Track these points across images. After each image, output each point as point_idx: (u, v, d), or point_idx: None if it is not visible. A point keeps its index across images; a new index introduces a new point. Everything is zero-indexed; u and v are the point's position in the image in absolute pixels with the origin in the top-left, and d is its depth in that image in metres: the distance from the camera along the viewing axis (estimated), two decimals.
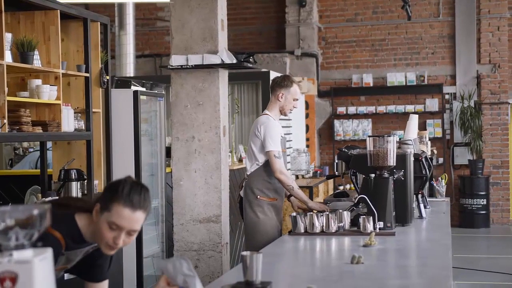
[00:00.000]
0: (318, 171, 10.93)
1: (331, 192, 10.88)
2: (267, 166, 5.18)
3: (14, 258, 1.75)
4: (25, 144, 8.79)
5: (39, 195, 5.51)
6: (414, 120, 5.56)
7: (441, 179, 6.52)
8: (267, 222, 5.15)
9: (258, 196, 5.18)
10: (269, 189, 5.20)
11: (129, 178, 2.66)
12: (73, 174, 5.41)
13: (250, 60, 6.27)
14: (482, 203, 12.12)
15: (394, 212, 4.41)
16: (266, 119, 5.21)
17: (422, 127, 12.26)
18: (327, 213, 4.38)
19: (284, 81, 5.29)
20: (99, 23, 5.86)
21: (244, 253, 2.77)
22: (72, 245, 2.65)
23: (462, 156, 12.48)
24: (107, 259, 2.87)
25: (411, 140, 5.20)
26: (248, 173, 5.28)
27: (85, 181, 5.55)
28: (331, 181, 11.18)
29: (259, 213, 5.16)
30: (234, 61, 5.91)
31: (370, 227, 4.21)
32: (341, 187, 12.17)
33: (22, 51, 4.80)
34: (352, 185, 11.86)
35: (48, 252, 1.82)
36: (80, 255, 2.75)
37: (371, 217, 4.25)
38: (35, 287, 1.74)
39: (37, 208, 1.79)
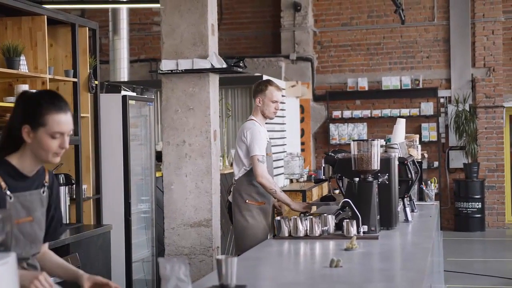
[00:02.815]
0: (313, 175, 10.93)
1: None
2: None
3: None
4: None
5: None
6: (401, 124, 5.58)
7: (431, 183, 6.53)
8: (256, 226, 5.21)
9: (247, 201, 5.26)
10: (257, 193, 5.27)
11: (38, 92, 2.76)
12: (61, 178, 5.42)
13: (240, 64, 6.29)
14: (477, 207, 12.13)
15: (378, 216, 4.42)
16: (252, 124, 5.30)
17: (417, 130, 12.28)
18: (311, 216, 4.39)
19: (259, 86, 5.42)
20: (87, 28, 5.89)
21: (219, 257, 2.79)
22: (14, 184, 2.67)
23: (457, 160, 12.49)
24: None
25: (397, 144, 5.21)
26: (236, 178, 5.36)
27: (73, 185, 5.57)
28: (325, 185, 11.19)
29: (248, 217, 5.22)
30: (224, 65, 5.93)
31: (353, 231, 4.22)
32: (337, 191, 12.17)
33: (8, 57, 4.83)
34: None
35: (11, 257, 1.84)
36: (35, 201, 2.74)
37: (355, 221, 4.27)
38: None
39: None
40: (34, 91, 2.75)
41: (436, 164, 12.45)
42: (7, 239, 2.40)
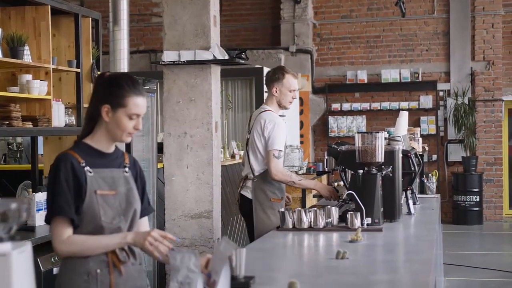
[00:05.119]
0: (312, 168, 10.94)
1: None
2: None
3: None
4: (19, 139, 8.81)
5: (30, 190, 5.53)
6: (404, 117, 5.58)
7: (432, 175, 6.55)
8: (278, 223, 5.10)
9: (271, 199, 5.09)
10: (278, 189, 5.13)
11: (119, 74, 2.94)
12: None
13: (242, 56, 6.29)
14: (475, 200, 12.16)
15: (382, 208, 4.43)
16: (272, 116, 5.08)
17: (416, 124, 12.30)
18: (315, 208, 4.39)
19: (276, 74, 5.17)
20: (90, 18, 5.87)
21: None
22: (92, 160, 2.81)
23: (456, 153, 12.51)
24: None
25: (400, 136, 5.21)
26: (256, 173, 5.13)
27: None
28: (325, 177, 11.21)
29: (271, 215, 5.03)
30: (226, 57, 5.93)
31: (357, 223, 4.23)
32: (336, 184, 12.20)
33: (12, 46, 4.81)
34: None
35: (27, 246, 1.84)
36: (117, 178, 2.86)
37: (359, 213, 4.27)
38: (13, 280, 1.76)
39: (15, 202, 1.81)
40: (112, 73, 2.91)
41: (434, 157, 12.47)
42: None
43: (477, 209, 12.20)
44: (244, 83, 10.04)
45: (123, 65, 10.99)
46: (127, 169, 2.92)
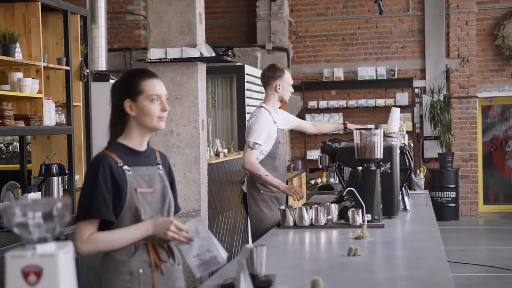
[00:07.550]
0: (291, 165, 10.95)
1: (304, 186, 10.93)
2: (268, 160, 5.15)
3: (38, 251, 1.73)
4: None
5: (18, 190, 5.41)
6: (396, 113, 5.57)
7: (420, 172, 6.58)
8: (272, 217, 5.12)
9: (262, 191, 5.18)
10: None
11: (126, 71, 2.95)
12: (54, 169, 5.32)
13: (229, 53, 6.26)
14: (451, 196, 12.27)
15: (381, 205, 4.43)
16: (258, 111, 5.22)
17: None
18: (316, 205, 4.37)
19: (276, 72, 5.30)
20: (78, 15, 5.78)
21: (249, 246, 2.76)
22: (128, 159, 2.79)
23: (432, 150, 12.61)
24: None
25: (395, 133, 5.22)
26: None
27: (66, 176, 5.47)
28: (304, 175, 11.22)
29: (264, 208, 5.15)
30: (213, 54, 5.91)
31: (359, 219, 4.23)
32: (313, 181, 12.23)
33: (4, 44, 4.71)
34: (326, 179, 11.92)
35: (70, 245, 1.79)
36: (153, 175, 2.83)
37: (360, 210, 4.27)
38: (60, 281, 1.71)
39: (59, 201, 1.76)
40: (124, 74, 2.90)
41: None
42: None
43: (453, 205, 12.31)
44: (225, 81, 9.98)
45: (101, 63, 10.90)
46: (160, 166, 2.90)
